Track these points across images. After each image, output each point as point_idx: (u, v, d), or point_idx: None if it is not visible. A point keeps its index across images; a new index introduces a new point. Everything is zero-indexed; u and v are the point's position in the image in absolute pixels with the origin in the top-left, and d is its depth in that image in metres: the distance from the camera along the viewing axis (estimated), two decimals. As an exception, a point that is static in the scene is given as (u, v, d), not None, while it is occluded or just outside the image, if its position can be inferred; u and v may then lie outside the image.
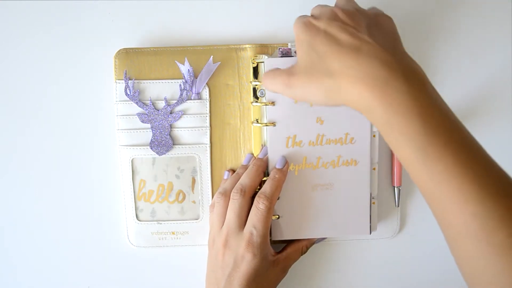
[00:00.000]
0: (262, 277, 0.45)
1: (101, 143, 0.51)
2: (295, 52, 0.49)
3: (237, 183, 0.46)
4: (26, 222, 0.53)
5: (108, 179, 0.52)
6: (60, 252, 0.54)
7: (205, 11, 0.50)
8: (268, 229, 0.45)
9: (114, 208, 0.52)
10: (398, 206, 0.52)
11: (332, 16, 0.37)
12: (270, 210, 0.45)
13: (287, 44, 0.50)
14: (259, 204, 0.45)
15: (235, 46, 0.49)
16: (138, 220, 0.51)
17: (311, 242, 0.49)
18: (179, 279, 0.53)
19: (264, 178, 0.47)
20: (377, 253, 0.54)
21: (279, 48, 0.49)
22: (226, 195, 0.47)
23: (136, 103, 0.49)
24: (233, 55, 0.49)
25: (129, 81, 0.49)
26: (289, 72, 0.38)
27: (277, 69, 0.40)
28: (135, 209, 0.50)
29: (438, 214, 0.32)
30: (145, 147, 0.49)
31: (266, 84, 0.40)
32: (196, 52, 0.49)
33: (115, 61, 0.49)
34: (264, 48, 0.49)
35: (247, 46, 0.49)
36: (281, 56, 0.49)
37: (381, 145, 0.51)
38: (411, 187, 0.53)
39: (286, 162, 0.47)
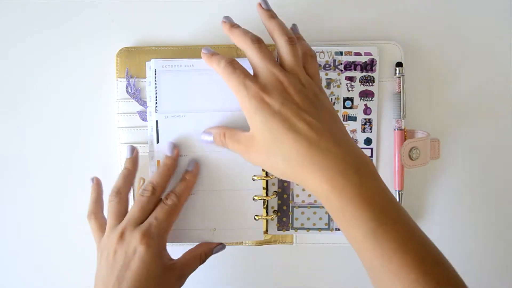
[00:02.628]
0: (156, 280, 0.41)
1: (101, 141, 0.53)
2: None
3: (147, 182, 0.45)
4: (25, 221, 0.54)
5: (108, 177, 0.53)
6: (60, 252, 0.55)
7: (205, 11, 0.51)
8: (170, 226, 0.44)
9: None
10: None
11: (284, 94, 0.39)
12: (176, 208, 0.44)
13: (287, 44, 0.49)
14: (167, 200, 0.44)
15: (235, 46, 0.50)
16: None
17: (209, 249, 0.48)
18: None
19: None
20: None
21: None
22: (121, 193, 0.45)
23: (137, 101, 0.50)
24: (233, 54, 0.50)
25: (131, 79, 0.50)
26: (248, 143, 0.40)
27: (237, 133, 0.42)
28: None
29: (382, 285, 0.36)
30: (145, 145, 0.50)
31: (227, 145, 0.43)
32: (196, 52, 0.50)
33: (117, 60, 0.50)
34: (264, 48, 0.49)
35: (247, 45, 0.49)
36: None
37: (381, 151, 0.50)
38: (412, 191, 0.52)
39: (196, 164, 0.47)
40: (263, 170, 0.49)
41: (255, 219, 0.49)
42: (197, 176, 0.47)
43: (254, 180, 0.49)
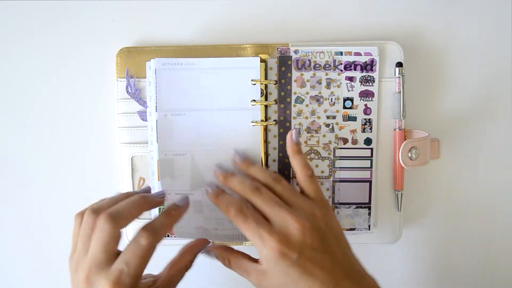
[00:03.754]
0: None
1: (101, 141, 0.53)
2: (294, 51, 0.49)
3: (112, 207, 0.39)
4: (25, 221, 0.55)
5: (107, 177, 0.53)
6: (60, 251, 0.55)
7: (205, 11, 0.51)
8: (143, 270, 0.38)
9: (113, 205, 0.53)
10: (400, 210, 0.51)
11: (300, 240, 0.39)
12: (152, 248, 0.38)
13: (287, 44, 0.50)
14: (141, 239, 0.38)
15: (235, 46, 0.50)
16: (137, 218, 0.51)
17: (193, 255, 0.44)
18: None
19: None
20: (379, 257, 0.54)
21: (278, 48, 0.50)
22: (99, 213, 0.39)
23: (137, 101, 0.50)
24: (234, 54, 0.50)
25: (131, 79, 0.50)
26: (259, 278, 0.40)
27: (244, 263, 0.42)
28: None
29: None
30: (145, 145, 0.50)
31: (233, 270, 0.43)
32: (196, 51, 0.50)
33: (117, 60, 0.50)
34: (264, 48, 0.50)
35: (247, 45, 0.50)
36: (280, 56, 0.50)
37: (381, 151, 0.51)
38: (413, 192, 0.52)
39: (187, 200, 0.44)
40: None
41: None
42: (182, 216, 0.43)
43: None
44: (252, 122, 0.49)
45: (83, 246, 0.38)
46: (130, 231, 0.52)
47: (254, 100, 0.49)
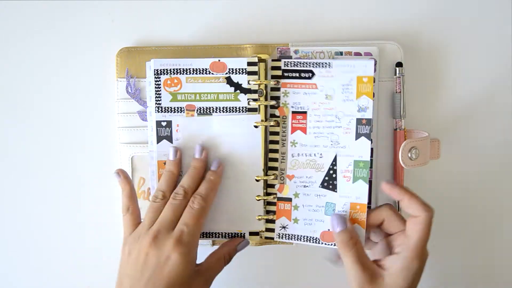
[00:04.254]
0: (184, 286, 0.43)
1: (101, 141, 0.53)
2: (294, 51, 0.50)
3: (179, 185, 0.47)
4: (25, 221, 0.55)
5: (108, 177, 0.53)
6: (60, 251, 0.55)
7: (205, 11, 0.52)
8: (200, 230, 0.45)
9: (113, 206, 0.53)
10: (399, 210, 0.52)
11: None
12: (204, 210, 0.45)
13: (287, 44, 0.50)
14: (194, 204, 0.45)
15: (235, 46, 0.50)
16: None
17: (233, 249, 0.49)
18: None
19: None
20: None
21: (278, 48, 0.50)
22: (165, 196, 0.46)
23: (137, 101, 0.50)
24: (234, 54, 0.50)
25: (131, 79, 0.50)
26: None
27: (362, 265, 0.44)
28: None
29: None
30: (145, 145, 0.50)
31: (344, 262, 0.45)
32: (196, 52, 0.50)
33: (117, 60, 0.50)
34: (264, 48, 0.50)
35: (247, 46, 0.50)
36: (280, 56, 0.50)
37: (381, 151, 0.51)
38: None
39: (220, 163, 0.48)
40: (263, 170, 0.50)
41: (258, 219, 0.50)
42: (222, 176, 0.49)
43: (257, 181, 0.50)
44: (254, 123, 0.49)
45: (150, 220, 0.45)
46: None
47: (254, 100, 0.49)
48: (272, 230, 0.52)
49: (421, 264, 0.43)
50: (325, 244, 0.50)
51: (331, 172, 0.50)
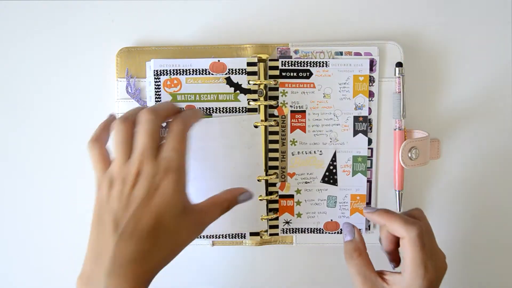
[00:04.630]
0: (175, 220, 0.38)
1: (101, 141, 0.52)
2: (294, 51, 0.50)
3: (147, 108, 0.40)
4: (24, 221, 0.55)
5: (108, 177, 0.53)
6: (60, 251, 0.55)
7: (205, 11, 0.52)
8: (185, 157, 0.40)
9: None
10: (400, 210, 0.52)
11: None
12: (185, 134, 0.40)
13: (287, 44, 0.50)
14: (174, 127, 0.40)
15: (235, 46, 0.50)
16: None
17: (234, 197, 0.43)
18: (178, 277, 0.54)
19: None
20: (379, 257, 0.53)
21: (278, 48, 0.50)
22: (128, 121, 0.40)
23: (137, 101, 0.51)
24: (234, 54, 0.50)
25: (131, 79, 0.50)
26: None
27: (363, 277, 0.44)
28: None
29: None
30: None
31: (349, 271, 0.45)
32: (196, 52, 0.50)
33: (117, 60, 0.50)
34: (264, 48, 0.50)
35: (247, 45, 0.50)
36: (280, 56, 0.50)
37: (381, 151, 0.51)
38: (412, 192, 0.53)
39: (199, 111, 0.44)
40: (264, 170, 0.50)
41: (261, 219, 0.50)
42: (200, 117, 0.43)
43: (259, 181, 0.50)
44: (254, 123, 0.49)
45: (123, 154, 0.39)
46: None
47: (254, 100, 0.49)
48: (276, 227, 0.52)
49: (426, 282, 0.41)
50: (329, 233, 0.52)
51: (331, 167, 0.51)
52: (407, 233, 0.41)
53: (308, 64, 0.50)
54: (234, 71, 0.49)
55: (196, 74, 0.49)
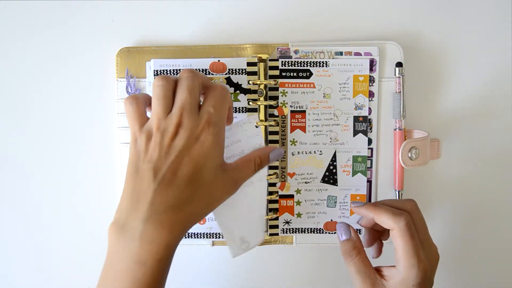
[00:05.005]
0: (213, 173, 0.39)
1: (101, 141, 0.53)
2: (294, 51, 0.50)
3: (187, 68, 0.42)
4: (25, 221, 0.55)
5: (108, 177, 0.54)
6: (60, 252, 0.55)
7: (205, 11, 0.52)
8: (225, 115, 0.41)
9: (113, 206, 0.53)
10: None
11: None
12: (228, 94, 0.41)
13: (287, 44, 0.50)
14: (217, 88, 0.41)
15: (235, 46, 0.50)
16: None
17: (265, 154, 0.44)
18: (178, 277, 0.54)
19: None
20: (379, 257, 0.53)
21: (278, 48, 0.50)
22: (169, 78, 0.40)
23: (137, 101, 0.50)
24: (234, 54, 0.50)
25: (131, 79, 0.50)
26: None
27: (363, 274, 0.44)
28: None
29: None
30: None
31: (348, 271, 0.45)
32: (196, 52, 0.50)
33: (117, 60, 0.50)
34: (264, 48, 0.50)
35: (247, 45, 0.50)
36: (280, 56, 0.50)
37: (381, 151, 0.51)
38: (412, 191, 0.53)
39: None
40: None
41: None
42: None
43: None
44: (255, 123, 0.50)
45: (164, 108, 0.39)
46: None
47: (254, 100, 0.49)
48: (276, 227, 0.52)
49: (420, 272, 0.42)
50: (329, 233, 0.53)
51: (331, 167, 0.52)
52: (396, 224, 0.42)
53: (308, 64, 0.50)
54: (234, 71, 0.49)
55: None
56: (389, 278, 0.43)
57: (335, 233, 0.53)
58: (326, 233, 0.53)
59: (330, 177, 0.52)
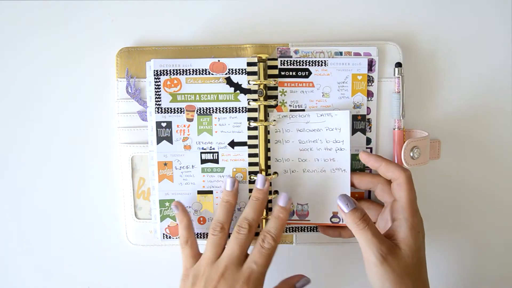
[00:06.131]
0: None
1: (101, 141, 0.54)
2: (294, 51, 0.50)
3: (242, 217, 0.47)
4: (25, 221, 0.55)
5: (107, 177, 0.54)
6: (60, 251, 0.55)
7: (205, 11, 0.52)
8: (267, 269, 0.45)
9: (113, 206, 0.54)
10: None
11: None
12: (274, 250, 0.46)
13: (287, 44, 0.50)
14: (265, 244, 0.45)
15: (235, 46, 0.50)
16: (137, 218, 0.52)
17: (291, 286, 0.48)
18: (179, 277, 0.54)
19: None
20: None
21: (278, 48, 0.51)
22: (224, 228, 0.47)
23: (137, 101, 0.51)
24: (234, 54, 0.50)
25: (131, 79, 0.50)
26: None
27: (380, 237, 0.43)
28: (134, 207, 0.52)
29: None
30: (145, 145, 0.51)
31: (360, 241, 0.44)
32: (196, 52, 0.50)
33: (117, 60, 0.50)
34: (264, 48, 0.51)
35: (247, 45, 0.50)
36: (280, 56, 0.50)
37: (381, 151, 0.51)
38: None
39: (289, 199, 0.47)
40: (264, 169, 0.50)
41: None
42: (289, 212, 0.48)
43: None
44: (251, 122, 0.50)
45: (213, 254, 0.45)
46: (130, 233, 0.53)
47: (254, 100, 0.50)
48: None
49: (419, 220, 0.45)
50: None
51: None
52: (403, 172, 0.46)
53: (307, 63, 0.50)
54: (234, 71, 0.50)
55: (196, 74, 0.50)
56: (396, 233, 0.44)
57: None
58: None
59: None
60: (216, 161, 0.51)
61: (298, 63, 0.50)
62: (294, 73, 0.51)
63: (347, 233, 0.51)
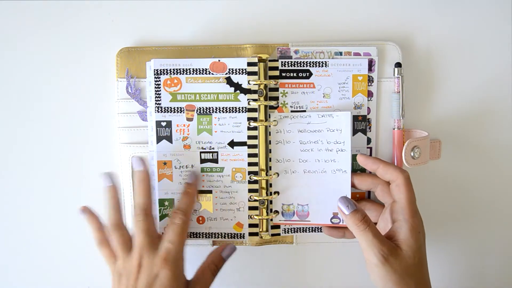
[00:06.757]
0: None
1: (101, 141, 0.54)
2: (294, 51, 0.50)
3: (135, 206, 0.47)
4: (25, 221, 0.55)
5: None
6: (59, 251, 0.55)
7: (205, 11, 0.52)
8: (184, 245, 0.46)
9: (113, 205, 0.54)
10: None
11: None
12: (186, 225, 0.47)
13: (287, 44, 0.50)
14: (175, 219, 0.46)
15: (235, 46, 0.51)
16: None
17: (217, 257, 0.49)
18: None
19: None
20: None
21: (278, 48, 0.51)
22: (121, 226, 0.47)
23: (137, 101, 0.51)
24: (234, 55, 0.51)
25: (131, 80, 0.50)
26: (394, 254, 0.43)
27: (381, 239, 0.44)
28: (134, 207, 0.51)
29: None
30: (145, 145, 0.51)
31: (362, 243, 0.44)
32: (197, 52, 0.50)
33: (117, 60, 0.51)
34: (264, 48, 0.51)
35: (247, 45, 0.50)
36: (280, 56, 0.50)
37: (380, 150, 0.51)
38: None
39: (195, 176, 0.50)
40: (263, 169, 0.50)
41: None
42: (198, 186, 0.49)
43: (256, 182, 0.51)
44: (251, 122, 0.50)
45: (124, 252, 0.45)
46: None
47: (254, 100, 0.50)
48: (278, 227, 0.52)
49: (419, 221, 0.45)
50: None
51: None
52: (402, 173, 0.46)
53: (308, 64, 0.50)
54: (234, 71, 0.50)
55: (196, 73, 0.50)
56: (397, 235, 0.44)
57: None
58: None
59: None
60: (215, 160, 0.51)
61: (298, 64, 0.50)
62: (295, 74, 0.51)
63: (351, 234, 0.51)
